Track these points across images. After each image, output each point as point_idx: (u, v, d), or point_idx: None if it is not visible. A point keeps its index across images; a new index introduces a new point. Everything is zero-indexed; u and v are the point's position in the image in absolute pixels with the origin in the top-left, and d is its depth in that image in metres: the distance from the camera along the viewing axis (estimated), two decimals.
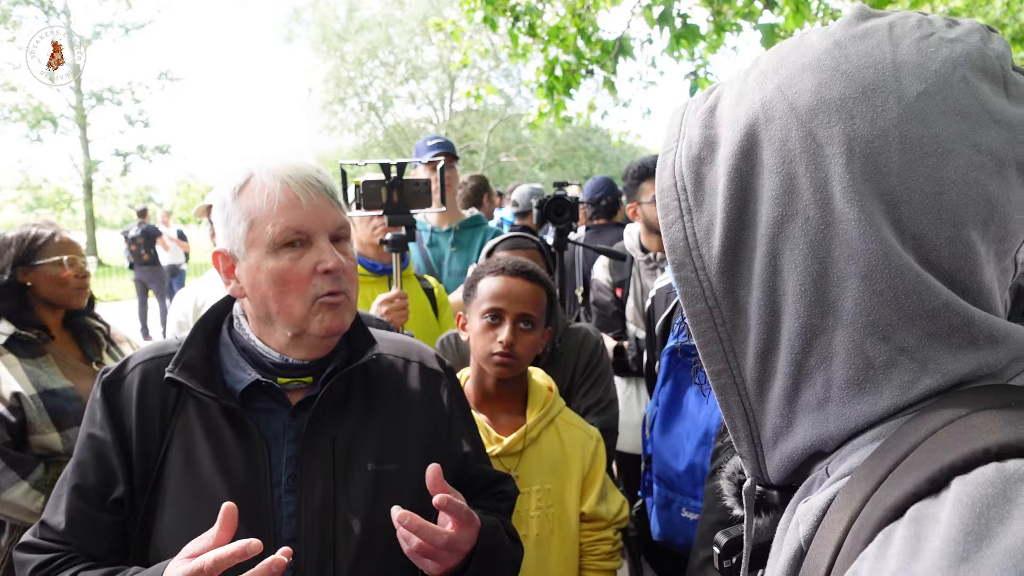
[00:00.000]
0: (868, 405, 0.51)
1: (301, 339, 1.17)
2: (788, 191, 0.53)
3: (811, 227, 0.52)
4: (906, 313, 0.50)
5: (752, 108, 0.56)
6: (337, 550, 1.12)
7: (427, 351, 1.37)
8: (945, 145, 0.50)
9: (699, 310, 0.58)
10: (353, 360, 1.23)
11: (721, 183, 0.56)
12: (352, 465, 1.17)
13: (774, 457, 0.57)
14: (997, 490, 0.39)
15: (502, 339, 1.68)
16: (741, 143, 0.56)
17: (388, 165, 2.04)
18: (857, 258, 0.51)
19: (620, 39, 5.18)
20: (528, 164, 28.42)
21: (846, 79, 0.53)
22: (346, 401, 1.22)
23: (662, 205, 0.60)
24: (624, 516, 1.82)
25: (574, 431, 1.81)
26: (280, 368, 1.19)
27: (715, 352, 0.58)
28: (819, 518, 0.50)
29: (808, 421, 0.54)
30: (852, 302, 0.51)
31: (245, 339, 1.20)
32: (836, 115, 0.52)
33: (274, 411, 1.18)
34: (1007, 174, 0.51)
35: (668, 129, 0.63)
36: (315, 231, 1.14)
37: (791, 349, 0.54)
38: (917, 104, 0.51)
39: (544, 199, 3.39)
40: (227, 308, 1.28)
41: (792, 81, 0.55)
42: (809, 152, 0.52)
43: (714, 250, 0.57)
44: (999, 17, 10.27)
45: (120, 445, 1.14)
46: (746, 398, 0.57)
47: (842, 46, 0.54)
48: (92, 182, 21.02)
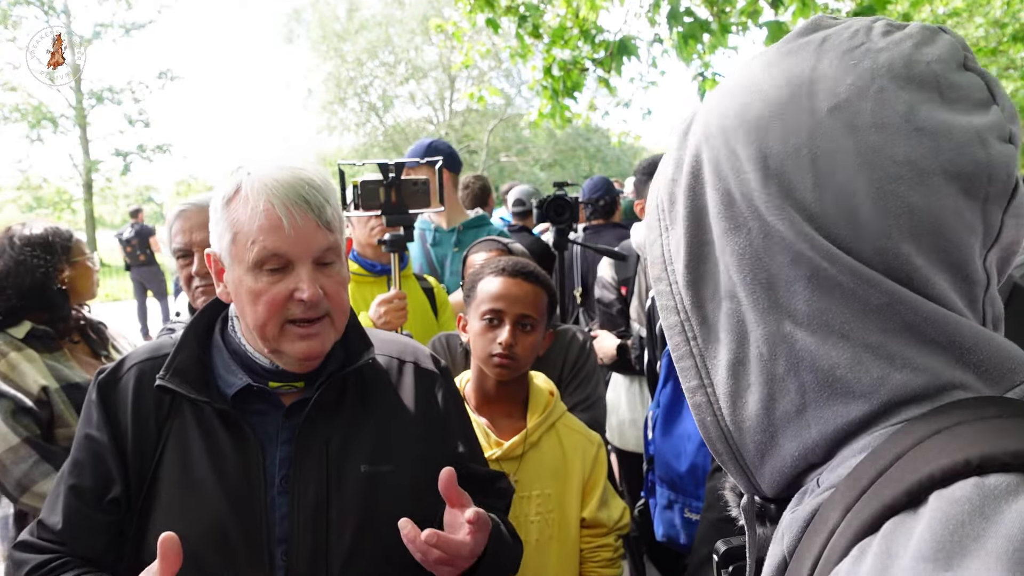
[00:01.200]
0: (842, 405, 0.51)
1: (280, 356, 1.16)
2: (728, 205, 0.56)
3: (753, 236, 0.54)
4: (857, 310, 0.50)
5: (699, 128, 0.59)
6: (330, 551, 1.12)
7: (422, 351, 1.37)
8: (857, 158, 0.50)
9: (673, 323, 0.60)
10: (349, 363, 1.22)
11: (680, 201, 0.60)
12: (345, 467, 1.17)
13: (764, 474, 0.57)
14: (974, 507, 0.38)
15: (501, 340, 1.67)
16: (691, 162, 0.59)
17: (386, 165, 2.03)
18: (799, 263, 0.52)
19: (622, 39, 5.17)
20: (528, 164, 28.41)
21: (763, 98, 0.55)
22: (340, 403, 1.21)
23: (647, 224, 0.64)
24: (625, 522, 1.81)
25: (575, 436, 1.79)
26: (271, 373, 1.19)
27: (689, 367, 0.59)
28: (803, 529, 0.50)
29: (790, 431, 0.53)
30: (804, 304, 0.52)
31: (236, 342, 1.20)
32: (753, 133, 0.54)
33: (267, 413, 1.18)
34: (933, 183, 0.49)
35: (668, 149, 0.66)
36: (296, 256, 1.11)
37: (759, 359, 0.54)
38: (828, 119, 0.51)
39: (544, 199, 3.39)
40: (220, 308, 1.27)
41: (724, 102, 0.58)
42: (735, 169, 0.55)
43: (681, 265, 0.59)
44: (999, 17, 10.26)
45: (116, 446, 1.15)
46: (722, 418, 0.57)
47: (771, 65, 0.57)
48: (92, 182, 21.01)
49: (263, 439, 1.16)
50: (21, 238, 2.16)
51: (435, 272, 3.01)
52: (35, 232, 2.18)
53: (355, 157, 25.65)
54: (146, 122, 21.91)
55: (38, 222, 2.25)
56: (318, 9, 28.55)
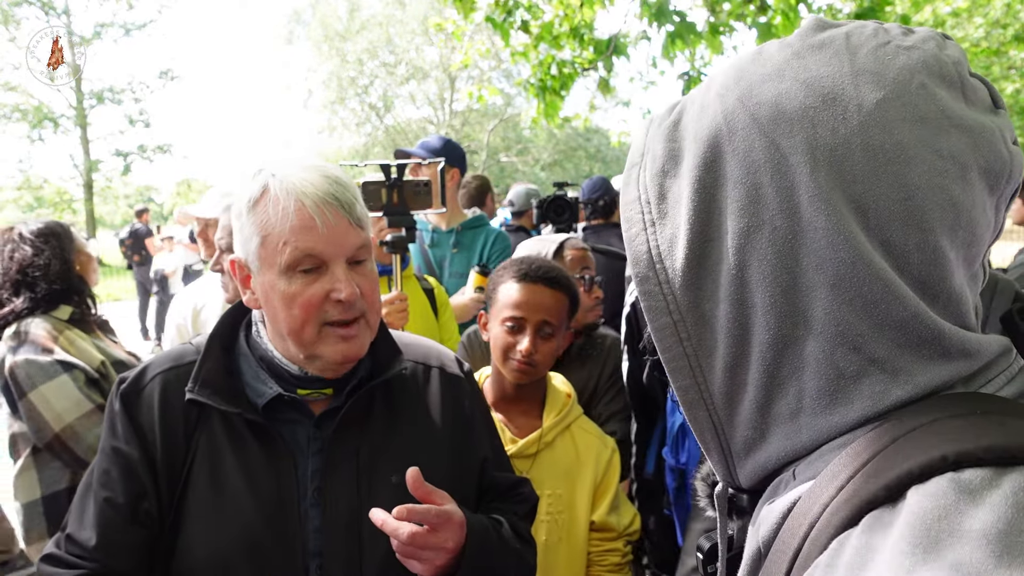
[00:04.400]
0: (840, 416, 0.51)
1: (312, 362, 1.13)
2: (753, 201, 0.53)
3: (778, 237, 0.52)
4: (875, 323, 0.50)
5: (715, 120, 0.56)
6: (364, 564, 1.10)
7: (447, 354, 1.35)
8: (908, 151, 0.50)
9: (663, 324, 0.57)
10: (378, 372, 1.19)
11: (685, 195, 0.56)
12: (376, 478, 1.15)
13: (746, 466, 0.57)
14: (949, 502, 0.39)
15: (522, 348, 1.67)
16: (704, 155, 0.56)
17: (388, 166, 2.03)
18: (825, 267, 0.51)
19: (613, 39, 5.16)
20: (528, 164, 28.43)
21: (806, 88, 0.53)
22: (369, 412, 1.18)
23: (626, 218, 0.60)
24: (635, 529, 1.80)
25: (590, 439, 1.79)
26: (299, 380, 1.15)
27: (681, 367, 0.57)
28: (779, 523, 0.50)
29: (780, 432, 0.54)
30: (822, 312, 0.51)
31: (263, 348, 1.17)
32: (798, 124, 0.52)
33: (298, 422, 1.15)
34: (971, 178, 0.51)
35: (634, 145, 0.64)
36: (330, 256, 1.08)
37: (762, 361, 0.53)
38: (877, 111, 0.51)
39: (544, 199, 3.39)
40: (242, 315, 1.24)
41: (752, 92, 0.55)
42: (773, 162, 0.53)
43: (678, 262, 0.56)
44: (1000, 17, 10.26)
45: (146, 456, 1.11)
46: (714, 412, 0.57)
47: (801, 56, 0.55)
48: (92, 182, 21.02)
49: (294, 450, 1.13)
50: (30, 232, 2.25)
51: (433, 273, 3.00)
52: (39, 225, 2.28)
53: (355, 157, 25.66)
54: (146, 122, 21.93)
55: (32, 220, 2.33)
56: (319, 9, 28.55)
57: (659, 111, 0.64)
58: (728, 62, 0.62)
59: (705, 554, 0.68)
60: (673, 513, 2.05)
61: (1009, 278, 0.62)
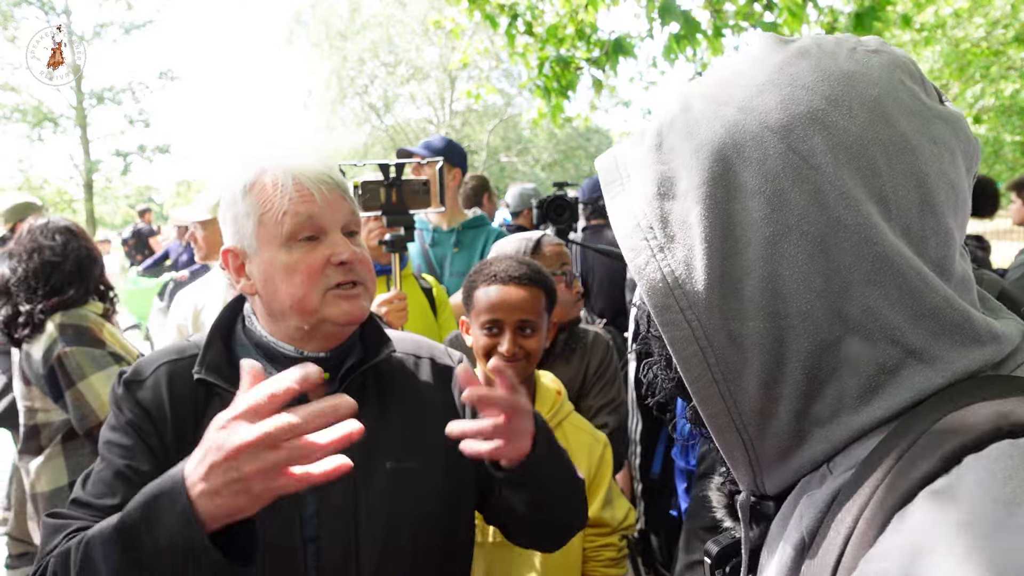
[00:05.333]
0: (881, 409, 0.51)
1: (318, 329, 1.16)
2: (777, 209, 0.52)
3: (808, 240, 0.52)
4: (911, 313, 0.51)
5: (714, 135, 0.55)
6: (360, 549, 1.12)
7: (437, 347, 1.37)
8: (911, 141, 0.53)
9: (691, 353, 0.55)
10: (369, 358, 1.22)
11: (694, 214, 0.55)
12: (371, 464, 1.17)
13: (776, 474, 0.56)
14: (1017, 461, 0.40)
15: (503, 350, 1.68)
16: (711, 170, 0.54)
17: (386, 165, 2.04)
18: (860, 263, 0.51)
19: (618, 39, 5.17)
20: (528, 164, 28.42)
21: (808, 92, 0.54)
22: (362, 399, 1.19)
23: (629, 248, 0.57)
24: (630, 523, 1.81)
25: (581, 435, 1.79)
26: (295, 362, 1.17)
27: (712, 395, 0.55)
28: (823, 510, 0.50)
29: (818, 435, 0.53)
30: (858, 309, 0.51)
31: (258, 334, 1.21)
32: (811, 127, 0.53)
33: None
34: (958, 163, 0.55)
35: (603, 180, 0.62)
36: (328, 224, 1.14)
37: (801, 369, 0.52)
38: (877, 107, 0.53)
39: (544, 199, 3.39)
40: (238, 309, 1.28)
41: (754, 102, 0.55)
42: (793, 167, 0.52)
43: (699, 285, 0.54)
44: (1000, 17, 10.25)
45: (158, 434, 1.13)
46: (744, 431, 0.55)
47: (789, 64, 0.56)
48: (92, 182, 21.02)
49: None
50: (51, 228, 2.32)
51: (434, 272, 3.00)
52: (53, 223, 2.35)
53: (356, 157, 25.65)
54: (146, 122, 21.92)
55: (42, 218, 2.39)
56: (319, 10, 28.55)
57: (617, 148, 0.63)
58: (686, 87, 0.62)
59: (714, 559, 0.67)
60: (682, 514, 2.06)
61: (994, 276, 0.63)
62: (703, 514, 1.53)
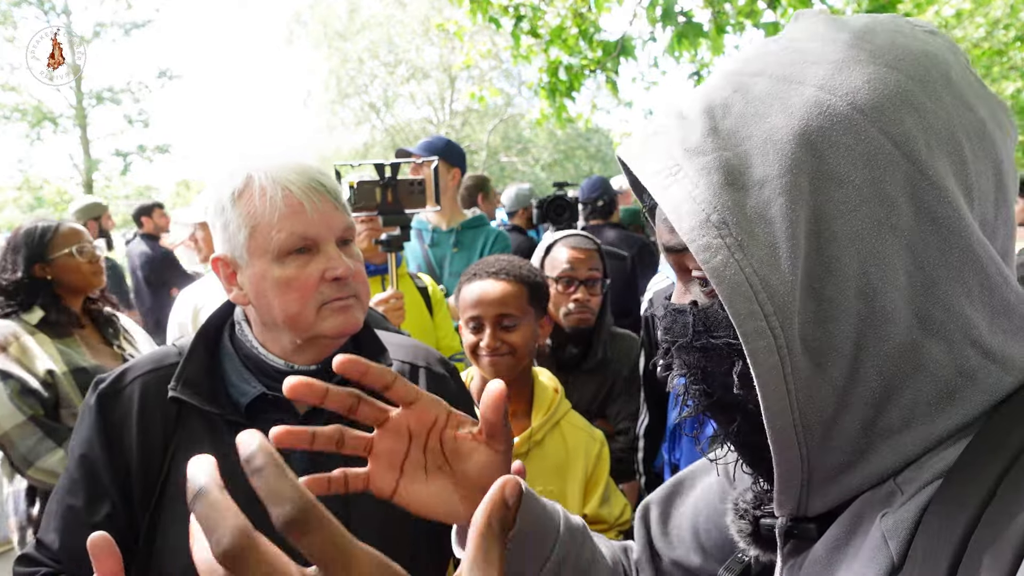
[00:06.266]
0: (958, 417, 0.48)
1: (311, 344, 1.14)
2: (866, 200, 0.47)
3: (896, 235, 0.47)
4: (989, 311, 0.48)
5: (792, 117, 0.49)
6: None
7: (433, 354, 1.36)
8: (987, 127, 0.50)
9: (771, 365, 0.48)
10: None
11: (776, 207, 0.48)
12: None
13: (828, 493, 0.52)
14: None
15: (484, 344, 1.71)
16: (793, 156, 0.48)
17: (382, 165, 2.04)
18: (947, 259, 0.48)
19: (621, 39, 5.17)
20: (528, 164, 28.40)
21: (895, 71, 0.49)
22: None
23: (701, 246, 0.49)
24: (626, 519, 1.82)
25: (579, 434, 1.80)
26: (285, 376, 1.15)
27: (784, 410, 0.49)
28: (912, 530, 0.46)
29: (886, 447, 0.49)
30: (941, 308, 0.48)
31: (248, 346, 1.17)
32: (903, 109, 0.48)
33: (283, 422, 1.14)
34: (1011, 147, 0.52)
35: (649, 167, 0.53)
36: (321, 237, 1.11)
37: (878, 375, 0.48)
38: (956, 90, 0.50)
39: (544, 199, 3.39)
40: (227, 314, 1.24)
41: (836, 79, 0.49)
42: (885, 153, 0.47)
43: (785, 287, 0.47)
44: (1000, 16, 10.24)
45: (113, 463, 1.11)
46: (804, 446, 0.50)
47: (862, 40, 0.50)
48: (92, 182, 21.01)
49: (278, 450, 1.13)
50: (7, 240, 2.32)
51: (433, 273, 3.00)
52: (18, 232, 2.34)
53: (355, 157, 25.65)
54: (146, 122, 21.90)
55: (28, 221, 2.38)
56: (318, 10, 28.54)
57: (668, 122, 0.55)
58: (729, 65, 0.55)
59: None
60: None
61: None
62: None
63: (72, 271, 2.31)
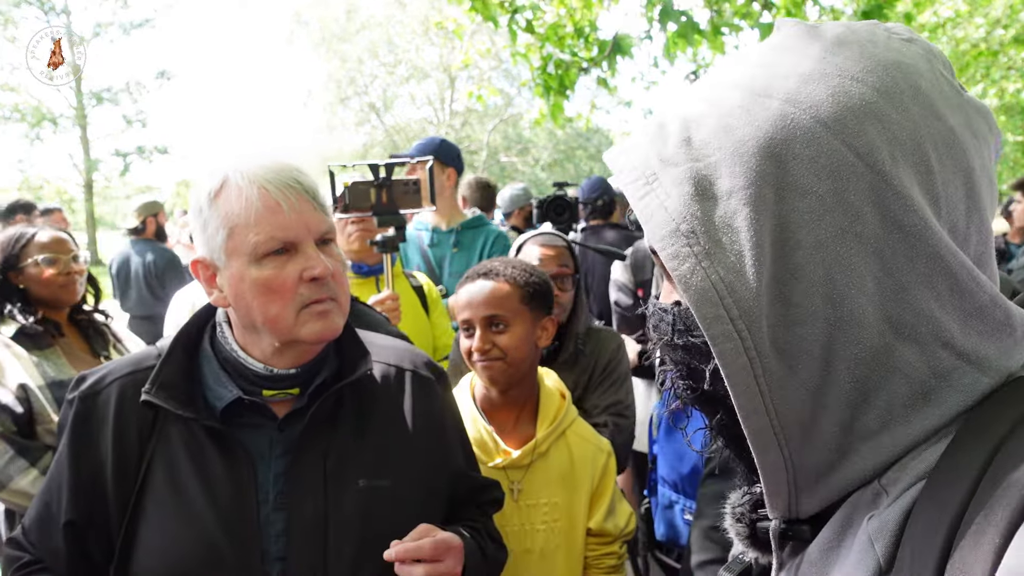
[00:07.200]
0: (932, 419, 0.49)
1: (290, 347, 1.13)
2: (830, 209, 0.49)
3: (864, 242, 0.49)
4: (962, 314, 0.49)
5: (759, 130, 0.51)
6: (329, 568, 1.09)
7: (420, 356, 1.34)
8: (958, 135, 0.50)
9: (740, 366, 0.50)
10: (345, 374, 1.18)
11: (741, 217, 0.50)
12: (343, 481, 1.13)
13: (816, 493, 0.53)
14: None
15: (474, 347, 1.66)
16: (758, 168, 0.50)
17: (376, 166, 2.03)
18: (915, 265, 0.49)
19: (615, 38, 5.16)
20: (528, 164, 28.41)
21: (858, 83, 0.50)
22: (337, 414, 1.17)
23: (670, 255, 0.52)
24: (631, 530, 1.79)
25: (585, 445, 1.75)
26: (265, 380, 1.14)
27: (757, 409, 0.51)
28: (897, 532, 0.47)
29: (865, 448, 0.50)
30: (912, 313, 0.49)
31: (227, 350, 1.15)
32: (867, 121, 0.49)
33: (260, 426, 1.14)
34: (992, 156, 0.53)
35: (626, 176, 0.56)
36: (300, 237, 1.08)
37: (851, 377, 0.50)
38: (927, 100, 0.50)
39: (544, 199, 3.39)
40: (208, 317, 1.22)
41: (800, 93, 0.50)
42: (847, 164, 0.49)
43: (749, 292, 0.50)
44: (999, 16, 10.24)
45: (93, 467, 1.11)
46: (785, 447, 0.52)
47: (831, 52, 0.52)
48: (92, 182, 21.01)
49: (255, 454, 1.12)
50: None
51: (433, 273, 3.00)
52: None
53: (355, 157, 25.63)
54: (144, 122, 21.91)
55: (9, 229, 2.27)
56: (318, 10, 28.54)
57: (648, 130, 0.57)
58: (704, 79, 0.57)
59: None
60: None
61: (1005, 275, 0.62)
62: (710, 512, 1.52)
63: (38, 281, 2.18)
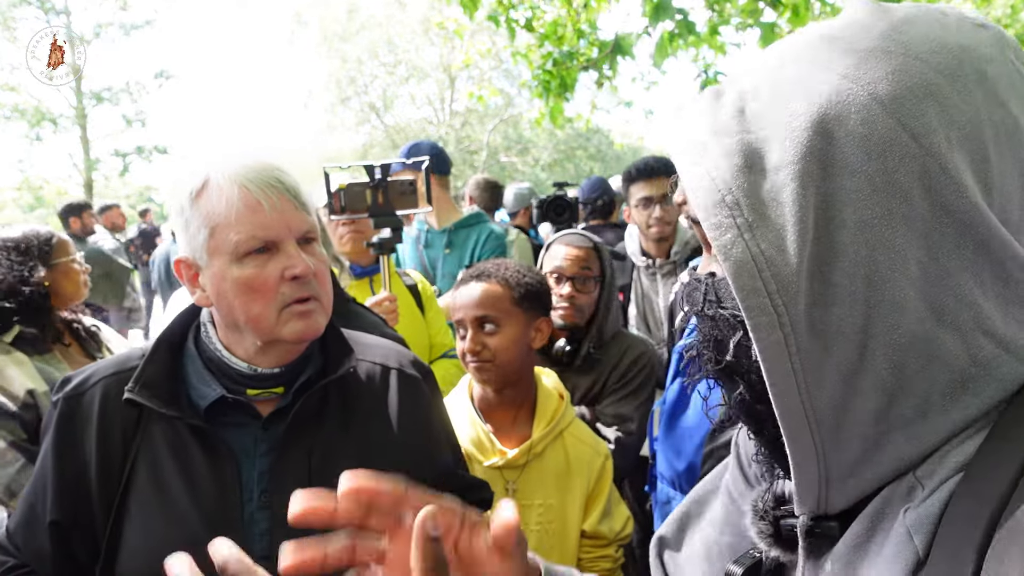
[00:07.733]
0: (973, 408, 0.48)
1: (272, 347, 1.13)
2: (878, 190, 0.48)
3: (908, 226, 0.48)
4: (1005, 302, 0.48)
5: (812, 103, 0.50)
6: None
7: (406, 355, 1.34)
8: (1020, 125, 0.49)
9: (774, 341, 0.49)
10: (329, 371, 1.19)
11: (788, 190, 0.49)
12: (328, 478, 1.13)
13: (845, 488, 0.52)
14: None
15: (465, 348, 1.67)
16: (809, 142, 0.49)
17: (372, 167, 2.03)
18: (961, 251, 0.48)
19: (616, 38, 5.15)
20: (528, 164, 28.41)
21: (923, 63, 0.49)
22: (322, 412, 1.17)
23: (712, 224, 0.51)
24: (627, 533, 1.77)
25: (582, 448, 1.74)
26: (249, 379, 1.14)
27: (789, 388, 0.50)
28: (935, 523, 0.46)
29: (901, 438, 0.49)
30: (953, 299, 0.48)
31: (211, 349, 1.16)
32: (925, 101, 0.48)
33: (244, 424, 1.14)
34: None
35: (677, 144, 0.56)
36: (280, 236, 1.09)
37: (888, 362, 0.49)
38: (991, 86, 0.49)
39: (544, 199, 3.38)
40: (193, 317, 1.23)
41: (860, 69, 0.49)
42: (901, 144, 0.48)
43: (789, 268, 0.49)
44: (999, 16, 10.25)
45: (76, 468, 1.10)
46: (817, 434, 0.51)
47: (897, 31, 0.50)
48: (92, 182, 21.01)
49: (239, 453, 1.12)
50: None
51: (428, 274, 2.99)
52: (10, 235, 2.18)
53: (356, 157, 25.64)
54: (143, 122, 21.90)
55: (17, 226, 2.25)
56: (318, 10, 28.55)
57: (696, 102, 0.57)
58: (767, 51, 0.56)
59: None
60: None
61: None
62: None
63: (71, 279, 2.24)
